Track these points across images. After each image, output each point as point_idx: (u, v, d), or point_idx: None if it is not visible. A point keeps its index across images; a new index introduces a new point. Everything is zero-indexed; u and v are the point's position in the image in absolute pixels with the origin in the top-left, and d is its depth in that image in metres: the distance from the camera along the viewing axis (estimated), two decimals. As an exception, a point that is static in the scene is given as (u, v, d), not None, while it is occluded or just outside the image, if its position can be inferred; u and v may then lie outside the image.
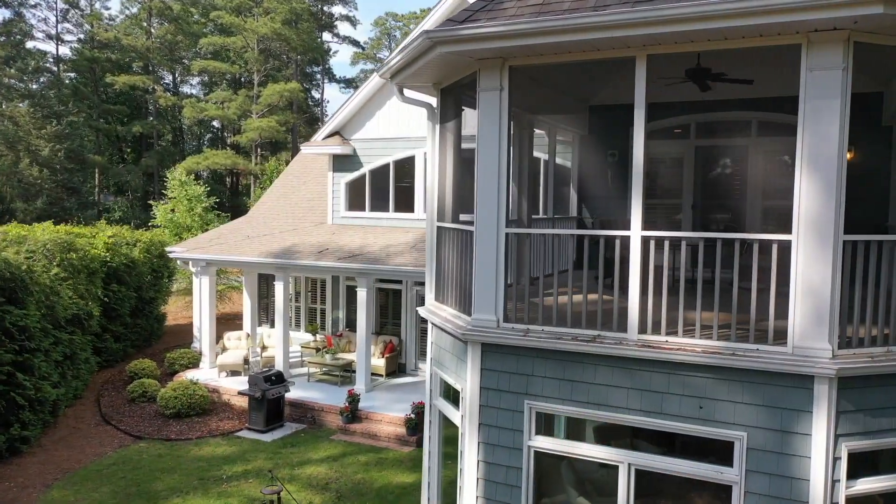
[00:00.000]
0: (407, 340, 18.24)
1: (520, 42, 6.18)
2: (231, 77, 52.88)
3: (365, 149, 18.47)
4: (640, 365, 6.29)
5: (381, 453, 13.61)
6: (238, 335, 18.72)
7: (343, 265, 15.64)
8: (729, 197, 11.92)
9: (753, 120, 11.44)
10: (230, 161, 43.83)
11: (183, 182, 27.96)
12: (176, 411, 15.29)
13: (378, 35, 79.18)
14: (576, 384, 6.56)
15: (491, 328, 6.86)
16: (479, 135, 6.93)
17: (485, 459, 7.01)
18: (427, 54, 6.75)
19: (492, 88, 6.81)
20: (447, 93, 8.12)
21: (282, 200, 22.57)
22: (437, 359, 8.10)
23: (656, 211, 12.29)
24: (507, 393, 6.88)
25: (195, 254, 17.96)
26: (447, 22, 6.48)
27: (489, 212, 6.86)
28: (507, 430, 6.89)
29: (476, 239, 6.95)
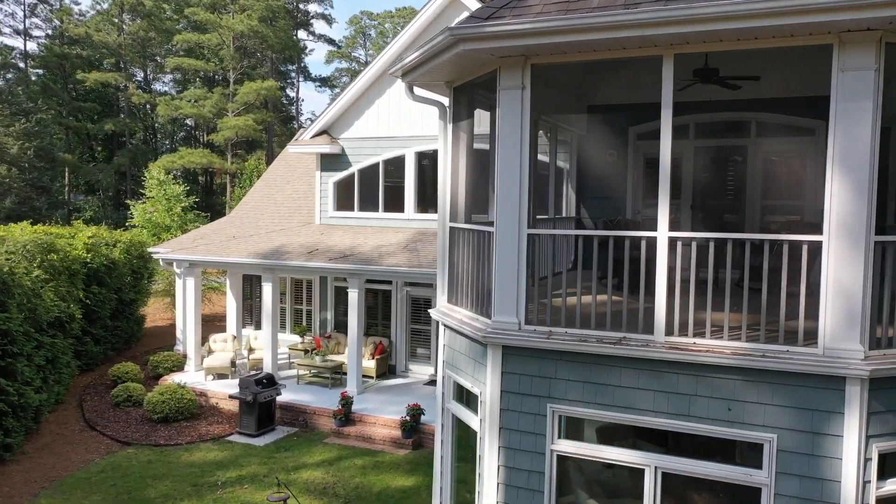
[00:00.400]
0: (397, 341, 18.07)
1: (547, 40, 6.08)
2: (205, 75, 52.10)
3: (353, 148, 18.25)
4: (667, 367, 6.23)
5: (377, 456, 13.43)
6: (224, 337, 18.38)
7: (335, 266, 15.42)
8: (727, 197, 11.98)
9: (752, 120, 11.51)
10: (206, 160, 43.18)
11: (161, 181, 27.42)
12: (164, 416, 14.94)
13: (353, 34, 78.85)
14: (601, 387, 6.48)
15: (512, 331, 6.75)
16: (499, 134, 6.81)
17: (505, 464, 6.89)
18: (448, 51, 6.61)
19: (513, 87, 6.69)
20: (460, 92, 8.00)
21: (265, 200, 22.24)
22: (451, 362, 7.96)
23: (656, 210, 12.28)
24: (529, 396, 6.78)
25: (180, 254, 17.58)
26: (470, 18, 6.35)
27: (510, 213, 6.74)
28: (529, 434, 6.78)
29: (496, 240, 6.83)
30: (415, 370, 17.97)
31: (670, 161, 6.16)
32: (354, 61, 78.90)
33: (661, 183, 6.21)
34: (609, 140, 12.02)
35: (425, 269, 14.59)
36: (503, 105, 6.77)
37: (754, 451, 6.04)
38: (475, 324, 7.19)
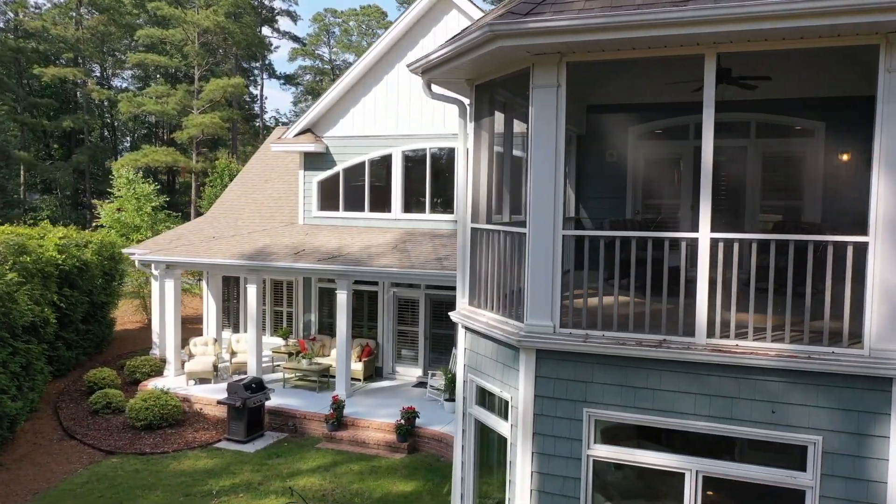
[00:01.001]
0: (384, 343, 17.81)
1: (591, 37, 5.95)
2: (168, 71, 50.85)
3: (338, 147, 17.93)
4: (708, 370, 6.16)
5: (372, 461, 13.18)
6: (204, 340, 17.88)
7: (324, 267, 15.10)
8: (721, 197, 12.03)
9: (752, 121, 11.58)
10: (171, 158, 42.11)
11: (131, 180, 26.58)
12: (147, 423, 14.44)
13: (317, 31, 77.93)
14: (639, 390, 6.38)
15: (547, 334, 6.61)
16: (533, 133, 6.66)
17: (539, 470, 6.75)
18: (483, 48, 6.43)
19: (548, 85, 6.54)
20: (482, 90, 7.82)
21: (243, 199, 21.74)
22: (474, 366, 7.79)
23: (658, 210, 12.30)
24: (564, 401, 6.65)
25: (159, 255, 17.04)
26: (508, 14, 6.18)
27: (544, 213, 6.59)
28: (564, 440, 6.65)
29: (530, 241, 6.67)
30: (401, 372, 17.73)
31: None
32: (318, 59, 78.10)
33: (703, 184, 6.13)
34: (609, 140, 11.97)
35: (417, 269, 14.39)
36: (537, 104, 6.62)
37: (797, 454, 6.00)
38: (505, 327, 7.03)
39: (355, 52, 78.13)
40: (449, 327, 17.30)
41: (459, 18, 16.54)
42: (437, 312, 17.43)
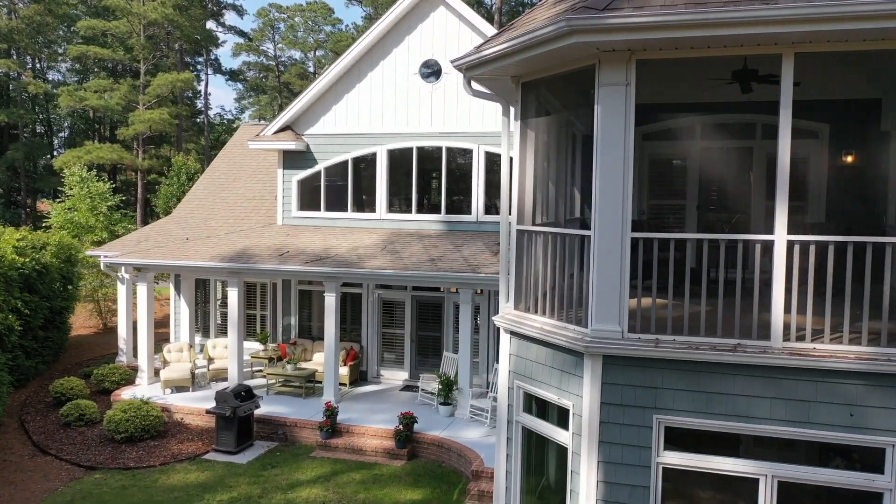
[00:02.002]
0: (368, 347, 17.38)
1: (672, 34, 5.80)
2: (110, 65, 48.79)
3: (320, 145, 17.40)
4: (784, 373, 6.08)
5: (373, 469, 12.79)
6: (179, 347, 17.09)
7: (312, 269, 14.60)
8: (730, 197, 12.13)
9: (758, 122, 11.70)
10: (116, 155, 40.38)
11: (84, 178, 25.24)
12: (128, 435, 13.66)
13: (261, 26, 76.24)
14: (712, 395, 6.26)
15: (615, 339, 6.42)
16: (599, 133, 6.45)
17: (605, 479, 6.56)
18: (553, 43, 6.19)
19: (616, 83, 6.35)
20: (529, 87, 7.57)
21: (212, 199, 20.93)
22: (523, 372, 7.54)
23: (663, 210, 12.31)
24: (633, 407, 6.48)
25: (133, 258, 16.18)
26: (584, 9, 5.96)
27: (612, 216, 6.40)
28: (633, 447, 6.48)
29: (595, 245, 6.47)
30: (387, 376, 17.35)
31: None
32: (263, 55, 76.52)
33: (779, 186, 6.05)
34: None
35: (412, 271, 14.05)
36: (604, 102, 6.42)
37: (874, 456, 5.98)
38: (564, 332, 6.81)
39: (301, 48, 76.93)
40: (436, 329, 17.04)
41: (447, 15, 16.27)
42: (424, 314, 17.12)
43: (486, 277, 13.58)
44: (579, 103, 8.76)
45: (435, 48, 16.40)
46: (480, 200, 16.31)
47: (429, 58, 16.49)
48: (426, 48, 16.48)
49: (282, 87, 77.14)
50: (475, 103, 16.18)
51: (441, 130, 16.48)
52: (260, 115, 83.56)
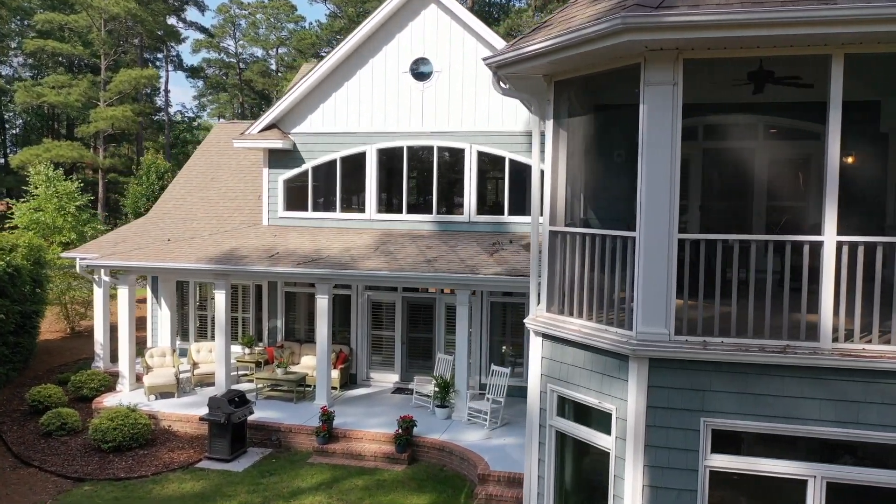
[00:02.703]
0: (358, 349, 17.09)
1: (727, 34, 5.75)
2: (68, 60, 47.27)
3: (307, 144, 17.04)
4: (833, 374, 6.08)
5: (375, 474, 12.54)
6: (161, 351, 16.55)
7: (305, 270, 14.26)
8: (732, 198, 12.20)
9: (760, 124, 11.80)
10: (76, 154, 39.11)
11: (51, 177, 24.30)
12: (116, 444, 13.15)
13: (222, 23, 74.85)
14: (760, 397, 6.23)
15: (662, 342, 6.34)
16: (645, 133, 6.36)
17: (652, 484, 6.48)
18: (604, 41, 6.07)
19: (662, 83, 6.27)
20: (562, 86, 7.45)
21: (189, 198, 20.36)
22: (558, 376, 7.42)
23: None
24: (679, 411, 6.41)
25: (114, 260, 15.60)
26: (636, 7, 5.86)
27: (659, 217, 6.32)
28: (680, 451, 6.41)
29: (641, 246, 6.39)
30: (377, 378, 17.09)
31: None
32: (223, 52, 75.17)
33: (829, 187, 6.03)
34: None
35: (408, 272, 13.84)
36: (650, 102, 6.33)
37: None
38: (605, 335, 6.71)
39: (263, 46, 75.77)
40: (427, 331, 16.84)
41: (439, 14, 16.08)
42: (415, 316, 16.91)
43: (486, 278, 13.44)
44: (618, 102, 8.68)
45: (426, 46, 16.20)
46: (473, 201, 16.17)
47: (420, 56, 16.28)
48: (417, 46, 16.26)
49: (243, 86, 75.93)
50: (467, 102, 16.04)
51: (432, 130, 16.29)
52: (220, 114, 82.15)
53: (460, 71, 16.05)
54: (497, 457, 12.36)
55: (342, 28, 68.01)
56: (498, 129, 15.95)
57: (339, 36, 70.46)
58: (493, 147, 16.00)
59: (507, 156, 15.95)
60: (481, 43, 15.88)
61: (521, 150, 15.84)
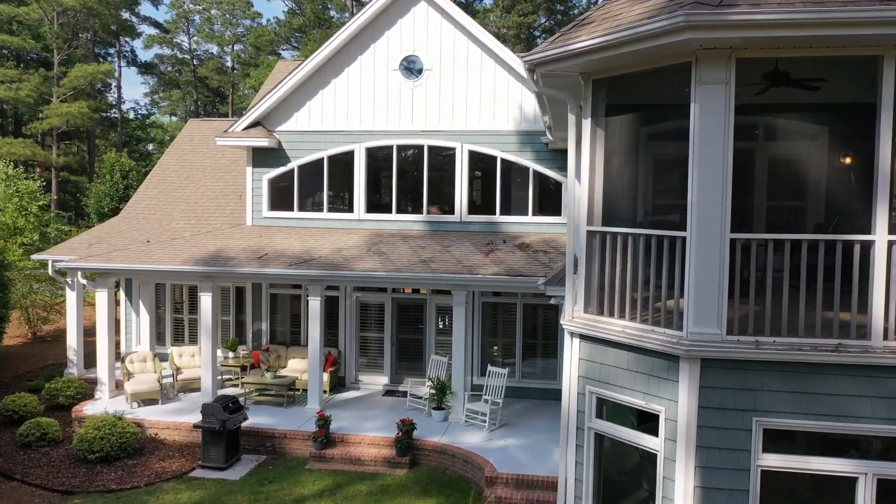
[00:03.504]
0: (346, 351, 16.78)
1: (789, 33, 5.74)
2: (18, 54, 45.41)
3: (293, 142, 16.66)
4: (885, 373, 6.14)
5: (377, 479, 12.30)
6: (142, 356, 15.96)
7: (297, 272, 13.92)
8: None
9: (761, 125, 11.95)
10: (29, 151, 37.59)
11: (10, 175, 23.21)
12: (103, 454, 12.60)
13: (175, 18, 73.06)
14: (811, 396, 6.26)
15: (715, 342, 6.32)
16: (697, 132, 6.32)
17: (703, 485, 6.45)
18: (660, 39, 6.01)
19: (715, 81, 6.25)
20: (601, 85, 7.37)
21: (164, 198, 19.71)
22: (597, 377, 7.34)
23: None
24: (731, 411, 6.40)
25: (93, 262, 14.95)
26: (696, 5, 5.81)
27: (710, 217, 6.30)
28: (731, 451, 6.41)
29: (692, 246, 6.35)
30: (365, 381, 16.81)
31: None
32: (177, 48, 73.42)
33: (881, 187, 6.10)
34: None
35: (405, 273, 13.62)
36: (701, 101, 6.30)
37: (970, 451, 6.13)
38: (653, 336, 6.66)
39: (218, 42, 74.27)
40: (417, 332, 16.65)
41: (429, 11, 15.89)
42: (404, 317, 16.70)
43: (485, 279, 13.33)
44: (660, 101, 8.64)
45: (416, 44, 16.00)
46: (464, 201, 16.04)
47: (410, 53, 16.07)
48: (407, 44, 16.05)
49: (197, 83, 74.28)
50: (458, 101, 15.90)
51: (423, 129, 16.10)
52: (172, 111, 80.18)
53: (451, 69, 15.90)
54: (502, 459, 12.25)
55: (302, 25, 67.18)
56: (489, 129, 15.85)
57: (297, 34, 69.58)
58: (484, 146, 15.89)
59: (498, 155, 15.86)
60: (472, 41, 15.77)
61: (513, 150, 15.78)
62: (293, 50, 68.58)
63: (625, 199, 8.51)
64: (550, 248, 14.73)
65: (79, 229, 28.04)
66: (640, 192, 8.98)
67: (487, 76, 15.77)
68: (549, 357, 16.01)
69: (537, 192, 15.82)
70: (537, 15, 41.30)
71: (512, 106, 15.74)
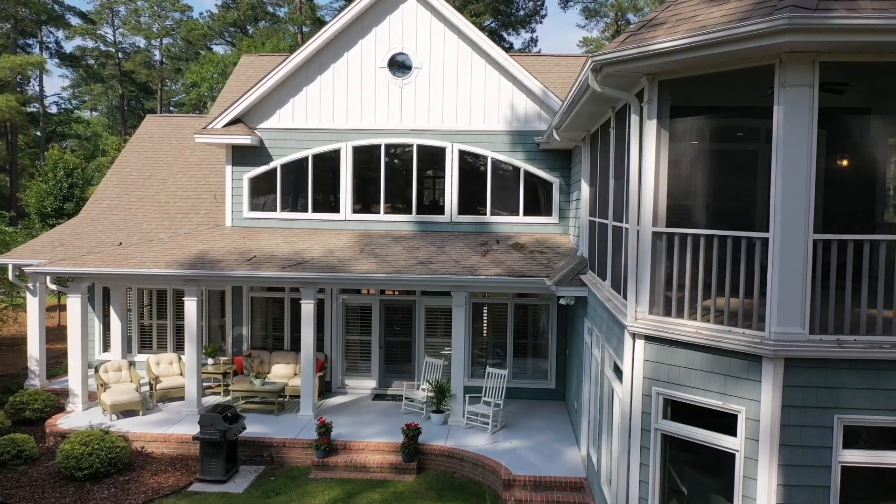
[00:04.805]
0: (332, 356, 16.34)
1: (883, 38, 5.84)
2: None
3: (276, 140, 16.09)
4: (960, 368, 6.36)
5: (388, 486, 12.00)
6: (117, 366, 15.09)
7: (292, 275, 13.46)
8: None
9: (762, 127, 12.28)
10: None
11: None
12: (92, 471, 11.82)
13: (99, 8, 69.81)
14: (891, 393, 6.42)
15: (799, 341, 6.40)
16: (781, 135, 6.38)
17: (785, 483, 6.53)
18: (759, 40, 6.01)
19: (800, 84, 6.31)
20: (667, 86, 7.35)
21: (126, 198, 18.72)
22: (666, 378, 7.33)
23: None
24: (813, 409, 6.49)
25: (66, 266, 13.99)
26: (793, 7, 5.85)
27: (796, 218, 6.36)
28: (813, 448, 6.50)
29: (777, 247, 6.41)
30: (352, 385, 16.42)
31: None
32: (101, 40, 70.28)
33: (956, 188, 6.30)
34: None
35: (405, 275, 13.38)
36: (785, 104, 6.36)
37: None
38: (733, 336, 6.69)
39: (146, 35, 71.50)
40: (406, 335, 16.38)
41: (418, 8, 15.64)
42: (392, 319, 16.40)
43: (488, 280, 13.22)
44: (731, 103, 8.70)
45: (405, 41, 15.73)
46: (454, 200, 15.87)
47: (398, 51, 15.78)
48: (395, 41, 15.75)
49: (122, 77, 71.27)
50: (448, 100, 15.72)
51: (412, 127, 15.84)
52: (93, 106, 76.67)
53: (441, 67, 15.70)
54: (514, 461, 12.17)
55: (236, 20, 65.31)
56: (480, 128, 15.74)
57: (231, 28, 67.62)
58: (475, 146, 15.77)
59: (489, 155, 15.78)
60: (463, 40, 15.62)
61: (504, 150, 15.73)
62: (227, 45, 66.68)
63: (689, 200, 8.55)
64: (545, 248, 14.75)
65: (21, 230, 26.33)
66: (704, 193, 9.04)
67: (478, 75, 15.65)
68: (540, 357, 16.05)
69: (528, 192, 15.81)
70: (487, 16, 41.48)
71: (503, 105, 15.68)
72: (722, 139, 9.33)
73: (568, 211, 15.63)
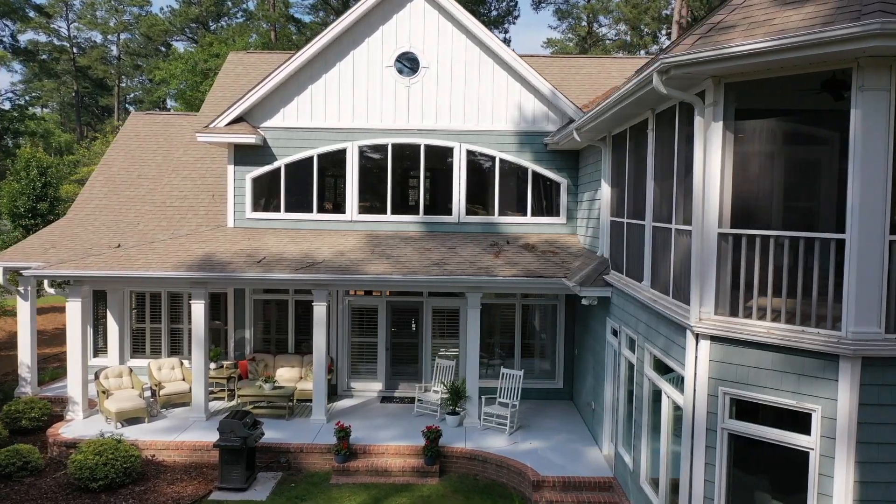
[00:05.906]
0: (338, 358, 16.09)
1: (968, 43, 5.98)
2: None
3: (280, 139, 15.77)
4: None
5: (413, 490, 11.87)
6: (118, 371, 14.58)
7: (307, 277, 13.21)
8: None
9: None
10: None
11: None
12: (107, 482, 11.39)
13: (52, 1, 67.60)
14: (962, 388, 6.60)
15: (876, 340, 6.52)
16: (859, 138, 6.49)
17: (863, 479, 6.64)
18: (847, 44, 6.09)
19: (878, 88, 6.43)
20: (733, 88, 7.41)
21: (115, 198, 18.17)
22: (734, 378, 7.38)
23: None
24: (890, 406, 6.62)
25: (68, 269, 13.44)
26: (879, 13, 5.95)
27: (873, 220, 6.48)
28: (889, 445, 6.63)
29: (854, 248, 6.52)
30: (359, 388, 16.21)
31: None
32: (54, 34, 68.20)
33: None
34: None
35: (421, 276, 13.27)
36: (863, 106, 6.47)
37: None
38: (806, 336, 6.78)
39: (102, 30, 69.56)
40: (413, 336, 16.25)
41: (426, 7, 15.51)
42: (399, 321, 16.24)
43: (505, 280, 13.19)
44: (794, 105, 8.78)
45: (412, 40, 15.58)
46: (462, 201, 15.79)
47: (405, 50, 15.61)
48: (403, 40, 15.59)
49: (77, 73, 69.23)
50: (456, 100, 15.63)
51: (419, 127, 15.70)
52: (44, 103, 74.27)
53: (449, 67, 15.60)
54: (538, 462, 12.17)
55: (198, 16, 63.97)
56: (488, 129, 15.69)
57: (193, 24, 66.19)
58: (482, 146, 15.72)
59: (497, 155, 15.74)
60: (471, 39, 15.55)
61: (512, 150, 15.71)
62: (189, 42, 65.24)
63: (754, 201, 8.62)
64: (556, 248, 14.78)
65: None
66: (770, 194, 9.13)
67: (486, 75, 15.60)
68: (547, 357, 16.09)
69: (536, 192, 15.83)
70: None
71: (511, 106, 15.66)
72: (787, 142, 9.45)
73: (576, 211, 15.69)
